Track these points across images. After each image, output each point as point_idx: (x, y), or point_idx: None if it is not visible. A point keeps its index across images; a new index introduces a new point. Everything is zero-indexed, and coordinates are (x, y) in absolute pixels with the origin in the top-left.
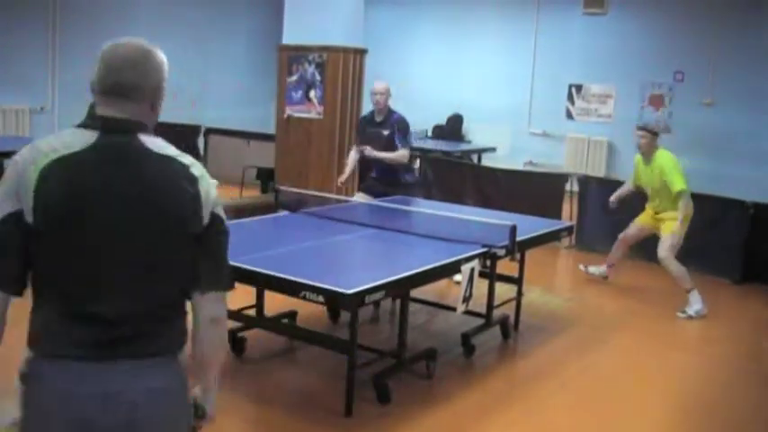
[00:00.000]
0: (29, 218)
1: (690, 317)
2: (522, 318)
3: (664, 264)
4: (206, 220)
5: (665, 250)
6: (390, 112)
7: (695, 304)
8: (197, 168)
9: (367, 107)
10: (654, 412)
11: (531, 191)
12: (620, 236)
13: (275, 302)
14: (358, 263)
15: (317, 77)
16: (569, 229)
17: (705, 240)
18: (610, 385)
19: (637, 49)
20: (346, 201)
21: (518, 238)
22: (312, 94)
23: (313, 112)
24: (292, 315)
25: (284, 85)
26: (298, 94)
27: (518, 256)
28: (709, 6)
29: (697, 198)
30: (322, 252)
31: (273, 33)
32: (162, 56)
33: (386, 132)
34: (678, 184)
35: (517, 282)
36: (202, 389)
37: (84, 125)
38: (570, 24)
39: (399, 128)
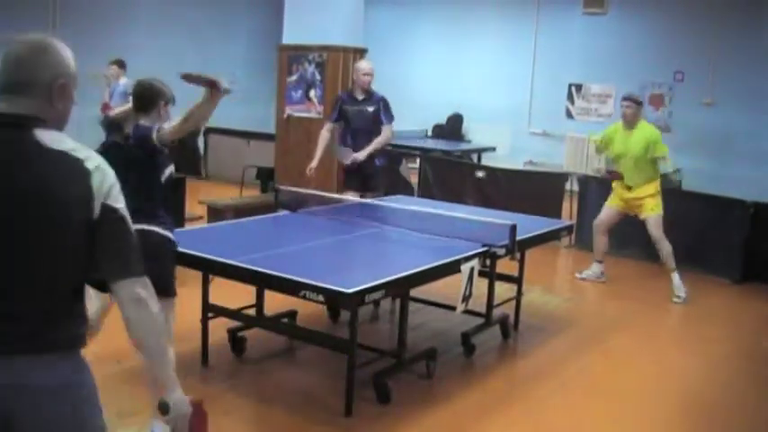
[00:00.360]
0: None
1: (683, 300)
2: (521, 317)
3: (659, 245)
4: (97, 211)
5: (657, 230)
6: (371, 90)
7: (681, 285)
8: (91, 162)
9: None
10: (653, 412)
11: (531, 190)
12: (594, 224)
13: (275, 302)
14: (358, 262)
15: (317, 77)
16: (569, 229)
17: (705, 240)
18: (609, 385)
19: (637, 49)
20: (346, 201)
21: (518, 238)
22: (312, 93)
23: (313, 111)
24: (292, 315)
25: (284, 84)
26: (298, 94)
27: (518, 255)
28: (709, 6)
29: (697, 198)
30: (322, 252)
31: (273, 33)
32: (62, 51)
33: (371, 109)
34: (661, 149)
35: (517, 281)
36: (158, 382)
37: None
38: (570, 24)
39: (385, 105)
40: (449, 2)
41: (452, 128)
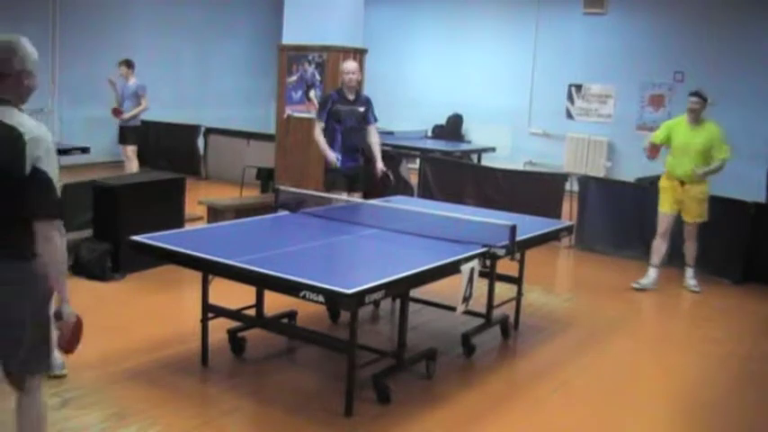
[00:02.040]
0: None
1: (693, 287)
2: (521, 318)
3: (690, 242)
4: (28, 169)
5: (694, 232)
6: (359, 91)
7: (693, 276)
8: (29, 134)
9: None
10: (653, 412)
11: (531, 190)
12: (659, 238)
13: (275, 302)
14: (358, 263)
15: (317, 77)
16: (569, 229)
17: (705, 240)
18: (609, 385)
19: (637, 49)
20: (346, 201)
21: (518, 238)
22: (312, 93)
23: (313, 111)
24: (292, 315)
25: (284, 84)
26: (298, 94)
27: (518, 255)
28: (708, 7)
29: None
30: (322, 252)
31: (273, 33)
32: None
33: (361, 109)
34: (726, 153)
35: (517, 282)
36: (58, 298)
37: None
38: (570, 24)
39: (371, 105)
40: (449, 2)
41: (452, 128)
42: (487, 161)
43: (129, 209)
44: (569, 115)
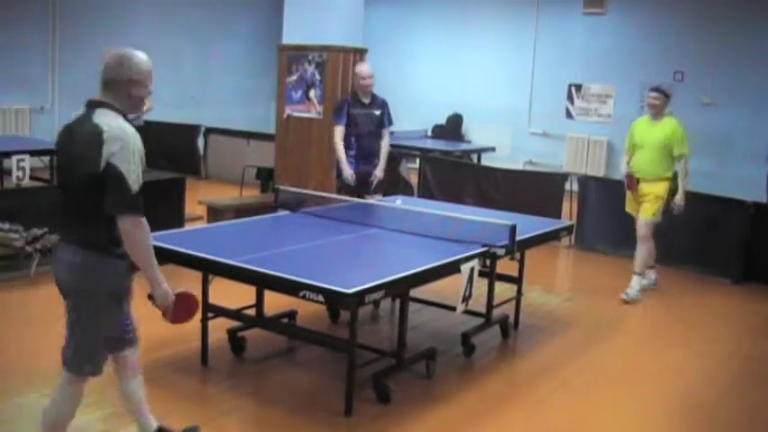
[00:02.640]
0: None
1: (627, 302)
2: (521, 317)
3: (641, 243)
4: (102, 165)
5: (647, 229)
6: (374, 94)
7: (636, 289)
8: (108, 133)
9: None
10: (653, 412)
11: (531, 190)
12: (640, 235)
13: (275, 302)
14: (358, 262)
15: (317, 77)
16: (569, 229)
17: (705, 240)
18: (609, 385)
19: (637, 49)
20: (346, 201)
21: (518, 238)
22: (312, 93)
23: (313, 111)
24: (292, 315)
25: (284, 84)
26: (297, 94)
27: (518, 255)
28: (708, 6)
29: (697, 198)
30: (322, 252)
31: (273, 33)
32: (130, 56)
33: (377, 113)
34: (685, 148)
35: (517, 281)
36: (150, 283)
37: (85, 106)
38: (570, 24)
39: (387, 108)
40: (449, 2)
41: (452, 128)
42: (487, 161)
43: None
44: (569, 115)
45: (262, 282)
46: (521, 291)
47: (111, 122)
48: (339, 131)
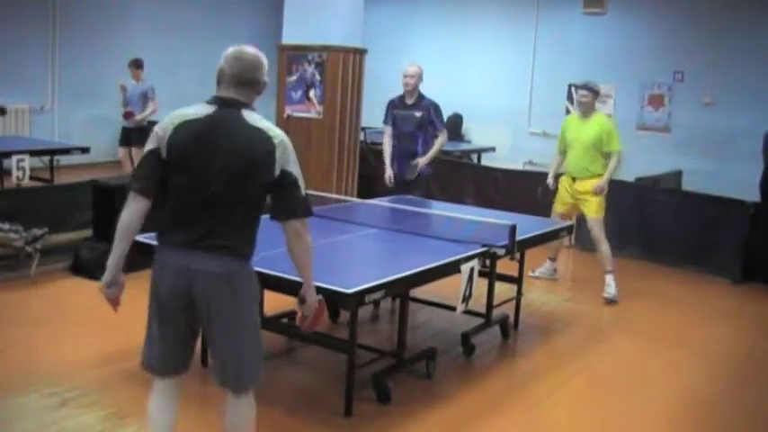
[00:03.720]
0: (164, 154)
1: (610, 301)
2: (521, 317)
3: (598, 245)
4: (277, 172)
5: (599, 232)
6: (421, 95)
7: (613, 285)
8: (277, 138)
9: (367, 106)
10: (653, 412)
11: (530, 190)
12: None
13: (275, 302)
14: (358, 263)
15: (317, 77)
16: (569, 229)
17: (705, 240)
18: (609, 385)
19: (637, 49)
20: (346, 201)
21: (518, 238)
22: (312, 93)
23: (313, 111)
24: (292, 315)
25: (284, 84)
26: (297, 94)
27: (518, 255)
28: (709, 6)
29: (697, 198)
30: (322, 252)
31: (273, 33)
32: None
33: (418, 114)
34: (616, 145)
35: (517, 281)
36: (304, 285)
37: (208, 102)
38: (570, 24)
39: (435, 111)
40: (449, 2)
41: (452, 128)
42: (487, 161)
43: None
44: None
45: (262, 282)
46: (521, 291)
47: (269, 125)
48: (385, 132)
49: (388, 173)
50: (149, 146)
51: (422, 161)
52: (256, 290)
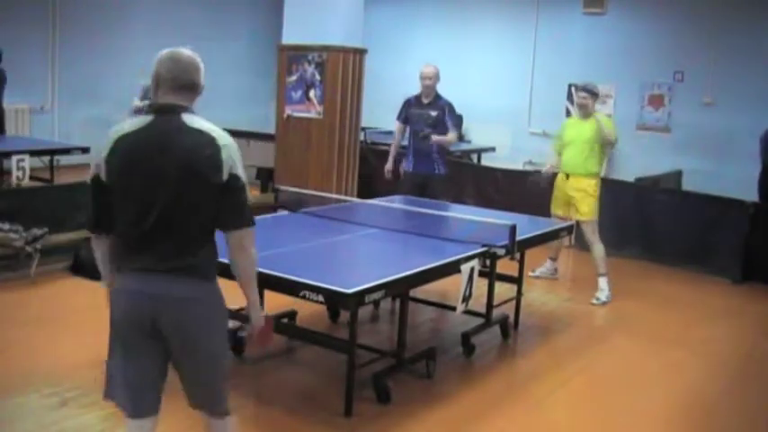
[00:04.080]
0: (104, 177)
1: (603, 303)
2: (521, 317)
3: (592, 247)
4: (225, 176)
5: (592, 235)
6: (438, 95)
7: (607, 290)
8: (223, 140)
9: (366, 106)
10: (653, 412)
11: (530, 190)
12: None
13: (275, 302)
14: (358, 263)
15: (317, 77)
16: (569, 229)
17: (705, 240)
18: (609, 385)
19: (637, 49)
20: (346, 201)
21: (518, 238)
22: (312, 93)
23: (313, 111)
24: (292, 315)
25: (284, 84)
26: (297, 94)
27: (518, 255)
28: (709, 6)
29: (697, 198)
30: (322, 252)
31: (273, 33)
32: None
33: (433, 113)
34: (615, 135)
35: (517, 281)
36: (248, 303)
37: (146, 112)
38: (570, 24)
39: (449, 111)
40: (449, 2)
41: None
42: (487, 161)
43: None
44: (569, 115)
45: (262, 282)
46: (521, 291)
47: (213, 127)
48: (395, 126)
49: (388, 166)
50: (90, 174)
51: (436, 137)
52: (225, 312)
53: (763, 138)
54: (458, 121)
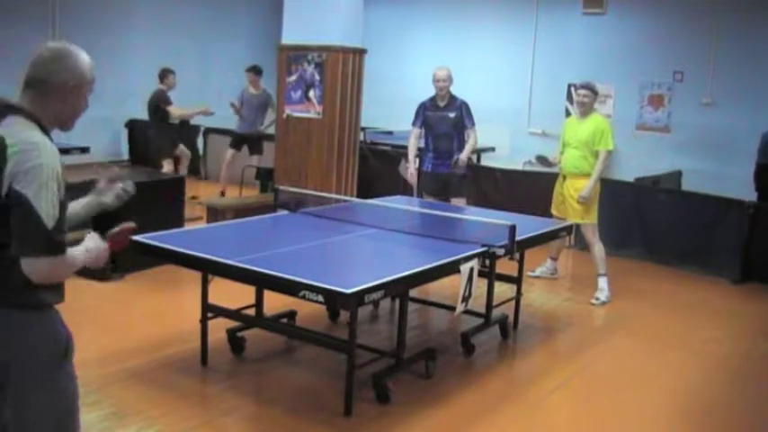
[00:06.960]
0: None
1: (603, 303)
2: (521, 317)
3: (592, 247)
4: (4, 190)
5: (592, 236)
6: (452, 96)
7: (606, 290)
8: (15, 147)
9: (366, 106)
10: (653, 412)
11: (530, 190)
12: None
13: (275, 302)
14: (358, 263)
15: (317, 77)
16: (569, 229)
17: (705, 240)
18: (609, 385)
19: (636, 49)
20: (346, 201)
21: (517, 238)
22: (311, 93)
23: (312, 111)
24: (292, 315)
25: (284, 84)
26: (297, 94)
27: (517, 255)
28: (708, 6)
29: (697, 198)
30: (322, 252)
31: (273, 33)
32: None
33: (452, 115)
34: (607, 144)
35: (517, 281)
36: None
37: None
38: (569, 24)
39: (467, 109)
40: (448, 2)
41: None
42: (487, 161)
43: (128, 209)
44: (569, 115)
45: (261, 282)
46: (520, 291)
47: (17, 133)
48: (412, 134)
49: (411, 169)
50: None
51: (462, 155)
52: (59, 349)
53: (763, 137)
54: (473, 118)
